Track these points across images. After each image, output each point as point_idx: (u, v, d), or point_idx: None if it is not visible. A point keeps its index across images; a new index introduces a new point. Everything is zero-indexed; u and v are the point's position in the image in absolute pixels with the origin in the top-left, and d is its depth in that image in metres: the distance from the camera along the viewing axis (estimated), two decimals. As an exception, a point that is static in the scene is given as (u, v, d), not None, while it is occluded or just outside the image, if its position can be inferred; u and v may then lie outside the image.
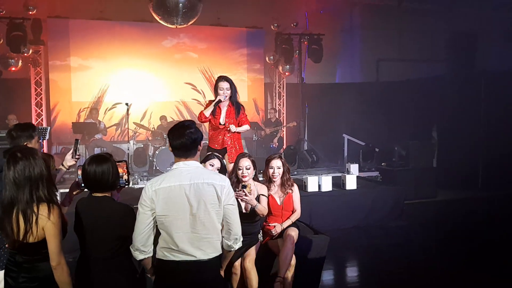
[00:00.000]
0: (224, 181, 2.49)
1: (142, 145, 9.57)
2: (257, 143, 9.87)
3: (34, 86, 9.70)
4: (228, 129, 4.88)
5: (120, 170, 2.62)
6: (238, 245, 2.55)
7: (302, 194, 6.44)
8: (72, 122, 9.43)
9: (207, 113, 4.91)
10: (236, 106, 4.99)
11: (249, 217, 3.69)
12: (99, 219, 2.44)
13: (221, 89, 4.86)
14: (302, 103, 10.99)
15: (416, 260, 5.21)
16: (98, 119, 9.45)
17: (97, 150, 9.50)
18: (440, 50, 10.34)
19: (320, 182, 6.64)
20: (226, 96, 4.87)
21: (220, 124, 4.96)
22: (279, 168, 3.95)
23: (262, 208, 3.62)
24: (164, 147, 8.72)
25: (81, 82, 10.01)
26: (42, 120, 9.79)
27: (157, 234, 2.41)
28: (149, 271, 2.47)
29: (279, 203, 3.97)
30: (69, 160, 3.34)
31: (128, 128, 8.10)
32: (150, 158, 9.03)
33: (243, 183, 3.42)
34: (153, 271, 2.46)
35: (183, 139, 2.38)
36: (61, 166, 3.37)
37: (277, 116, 10.67)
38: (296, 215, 4.00)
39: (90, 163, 2.49)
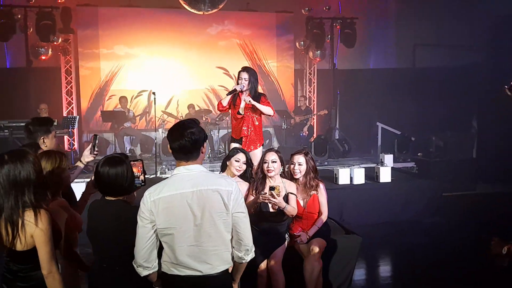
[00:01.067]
0: (231, 185, 2.22)
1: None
2: (286, 131, 9.62)
3: (64, 74, 9.74)
4: (243, 99, 4.82)
5: (135, 170, 2.45)
6: (250, 256, 2.31)
7: (333, 187, 6.25)
8: (101, 111, 9.46)
9: (225, 102, 4.95)
10: (254, 96, 4.95)
11: (276, 217, 3.49)
12: (111, 225, 2.29)
13: (240, 79, 4.91)
14: (334, 90, 10.60)
15: (449, 261, 4.88)
16: (127, 107, 9.43)
17: (126, 139, 9.52)
18: (481, 35, 9.69)
19: (352, 174, 6.35)
20: (243, 86, 4.87)
21: (239, 113, 4.98)
22: (301, 164, 3.65)
23: (292, 209, 3.41)
24: (192, 136, 8.61)
25: (110, 70, 10.01)
26: (72, 108, 9.84)
27: (161, 247, 2.21)
28: (156, 283, 2.28)
29: (302, 205, 3.68)
30: (87, 156, 3.24)
31: (155, 116, 7.96)
32: (178, 147, 8.94)
33: (272, 185, 3.19)
34: (160, 283, 2.26)
35: (182, 140, 2.14)
36: (78, 163, 3.27)
37: (307, 104, 10.36)
38: (323, 218, 3.71)
39: (103, 165, 2.33)
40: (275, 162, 3.53)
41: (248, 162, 3.66)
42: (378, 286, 4.46)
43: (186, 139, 2.15)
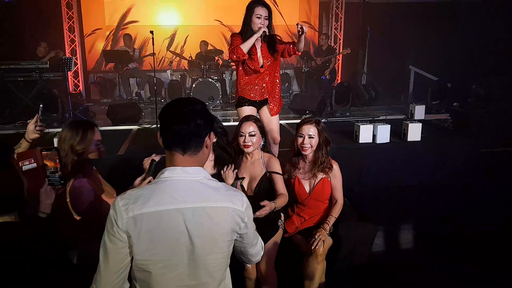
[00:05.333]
0: (243, 203, 1.52)
1: (180, 76, 8.73)
2: (306, 75, 8.69)
3: (65, 9, 8.92)
4: (299, 31, 3.45)
5: (49, 164, 1.74)
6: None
7: (352, 146, 5.46)
8: (103, 50, 8.72)
9: (246, 48, 3.59)
10: (269, 39, 3.70)
11: (258, 200, 2.76)
12: None
13: (258, 16, 3.61)
14: (363, 27, 9.42)
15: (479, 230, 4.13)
16: (132, 46, 8.63)
17: (132, 81, 8.83)
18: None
19: (375, 131, 5.50)
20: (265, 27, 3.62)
21: (260, 67, 3.76)
22: (312, 137, 2.87)
23: (283, 200, 2.66)
24: (201, 79, 7.83)
25: (115, 4, 9.12)
26: (75, 46, 9.12)
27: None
28: None
29: (307, 190, 2.95)
30: (31, 132, 2.55)
31: (153, 56, 7.06)
32: (187, 91, 8.20)
33: (235, 181, 2.44)
34: None
35: (184, 124, 1.41)
36: (22, 141, 2.59)
37: (329, 43, 9.26)
38: (339, 208, 2.94)
39: None
40: (254, 135, 2.79)
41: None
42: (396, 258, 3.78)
43: (194, 123, 1.43)
